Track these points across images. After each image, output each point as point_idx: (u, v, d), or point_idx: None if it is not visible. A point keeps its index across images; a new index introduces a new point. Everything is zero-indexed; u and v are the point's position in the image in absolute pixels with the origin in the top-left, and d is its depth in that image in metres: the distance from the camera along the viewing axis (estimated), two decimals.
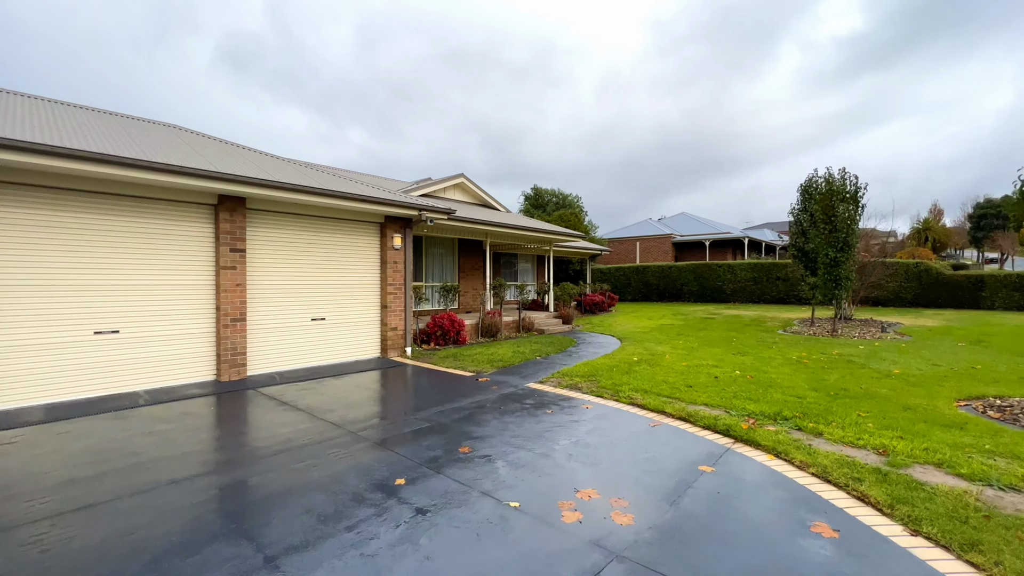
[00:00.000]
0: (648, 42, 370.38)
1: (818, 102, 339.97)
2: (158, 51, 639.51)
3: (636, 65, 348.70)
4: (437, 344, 10.34)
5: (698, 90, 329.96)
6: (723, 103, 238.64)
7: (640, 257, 33.02)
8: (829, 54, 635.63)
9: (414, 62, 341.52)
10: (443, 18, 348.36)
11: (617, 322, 15.51)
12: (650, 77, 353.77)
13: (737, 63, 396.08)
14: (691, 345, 10.20)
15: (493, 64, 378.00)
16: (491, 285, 12.20)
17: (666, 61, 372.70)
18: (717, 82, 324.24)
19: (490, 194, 14.23)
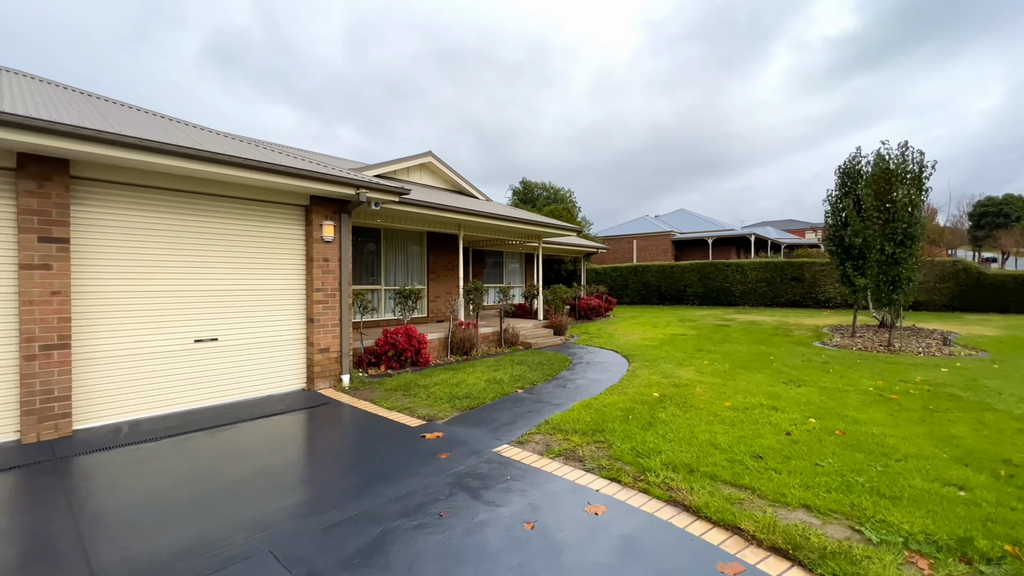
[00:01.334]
0: (641, 41, 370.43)
1: (809, 102, 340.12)
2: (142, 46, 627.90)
3: (629, 64, 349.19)
4: (389, 368, 7.89)
5: (691, 90, 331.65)
6: (716, 103, 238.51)
7: (637, 256, 30.78)
8: (821, 55, 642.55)
9: (406, 59, 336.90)
10: (435, 15, 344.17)
11: (618, 331, 13.16)
12: (643, 76, 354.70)
13: (730, 63, 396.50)
14: (720, 367, 7.85)
15: (486, 62, 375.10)
16: (465, 289, 9.79)
17: (659, 61, 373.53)
18: (710, 82, 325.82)
19: (467, 179, 11.86)
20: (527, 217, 10.74)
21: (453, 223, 9.82)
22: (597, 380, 7.08)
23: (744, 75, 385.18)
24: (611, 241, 31.69)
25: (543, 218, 11.48)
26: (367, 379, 7.23)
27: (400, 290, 8.38)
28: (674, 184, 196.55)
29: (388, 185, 6.95)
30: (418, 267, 11.32)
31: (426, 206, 8.35)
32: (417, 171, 11.13)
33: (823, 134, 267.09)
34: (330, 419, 5.49)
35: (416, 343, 8.01)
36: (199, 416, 5.42)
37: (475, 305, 9.81)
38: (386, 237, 10.57)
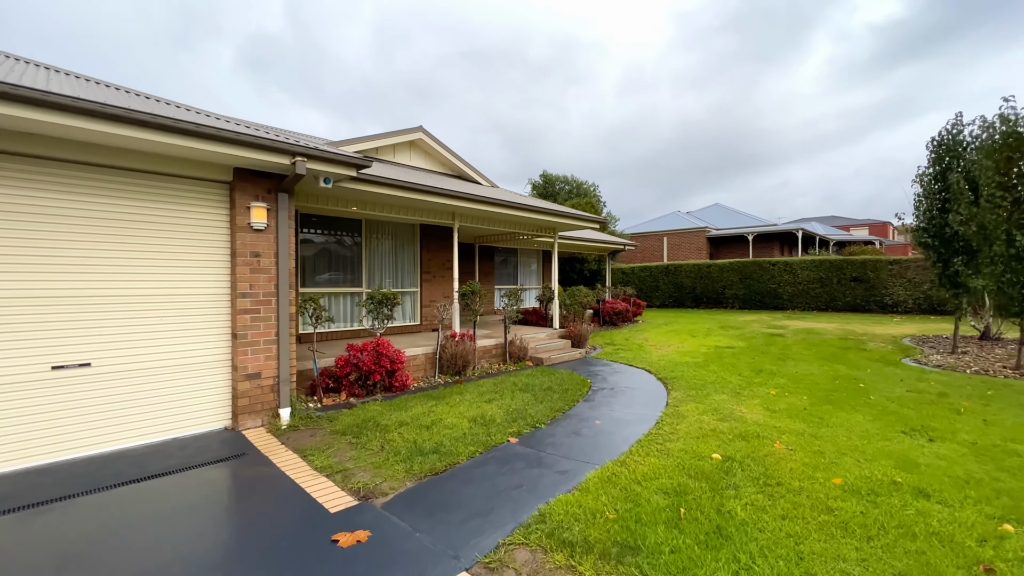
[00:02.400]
0: (672, 35, 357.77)
1: (850, 94, 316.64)
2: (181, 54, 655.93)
3: (659, 59, 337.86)
4: (352, 395, 6.10)
5: (724, 84, 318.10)
6: (750, 97, 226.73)
7: (668, 255, 28.34)
8: (864, 43, 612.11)
9: (432, 61, 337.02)
10: (463, 15, 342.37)
11: (650, 341, 11.07)
12: (673, 71, 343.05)
13: (766, 54, 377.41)
14: (796, 400, 5.74)
15: (513, 61, 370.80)
16: (460, 292, 7.93)
17: (690, 55, 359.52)
18: (744, 75, 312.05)
19: (469, 162, 10.02)
20: (537, 205, 8.83)
21: (444, 211, 7.98)
22: (624, 421, 5.10)
23: (781, 67, 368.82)
24: (639, 239, 29.34)
25: (556, 206, 9.53)
26: (316, 413, 5.44)
27: (372, 294, 6.60)
28: (705, 182, 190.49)
29: (337, 154, 5.15)
30: (410, 266, 9.55)
31: (404, 187, 6.53)
32: (405, 150, 9.36)
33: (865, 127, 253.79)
34: (227, 487, 3.72)
35: (390, 362, 6.20)
36: (57, 473, 3.74)
37: (472, 312, 7.95)
38: (369, 230, 8.82)
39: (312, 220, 8.11)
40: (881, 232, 46.49)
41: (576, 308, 10.15)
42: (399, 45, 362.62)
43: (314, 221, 8.13)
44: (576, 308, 10.15)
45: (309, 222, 8.08)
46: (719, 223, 29.46)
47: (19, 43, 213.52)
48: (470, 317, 8.06)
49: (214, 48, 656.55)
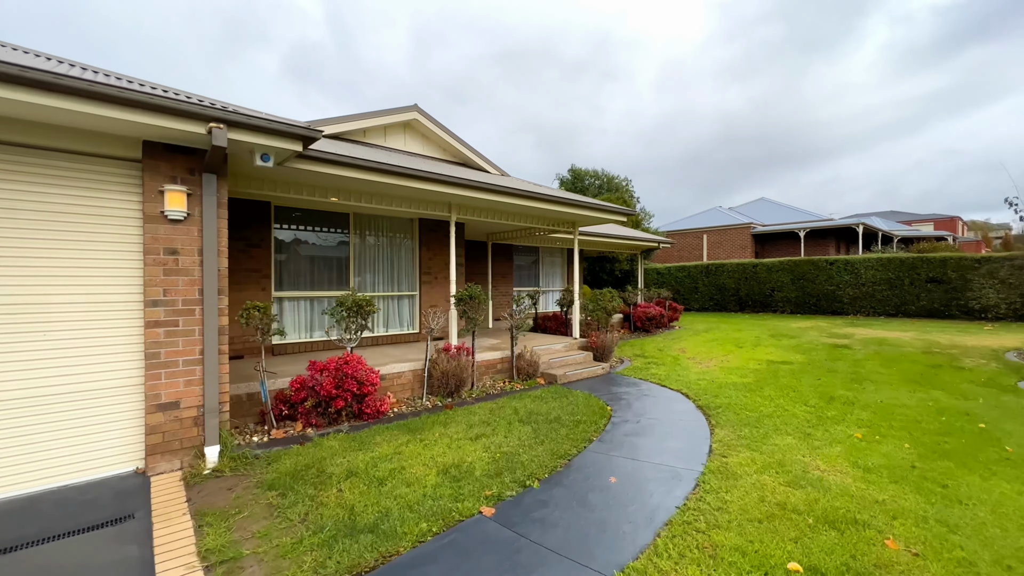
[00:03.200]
0: (713, 27, 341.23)
1: (910, 82, 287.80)
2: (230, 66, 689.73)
3: (699, 52, 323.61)
4: (310, 424, 4.95)
5: (769, 75, 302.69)
6: (797, 88, 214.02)
7: (708, 253, 26.22)
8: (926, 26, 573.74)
9: (467, 63, 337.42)
10: (498, 16, 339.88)
11: (687, 352, 9.48)
12: (715, 64, 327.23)
13: (816, 43, 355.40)
14: (895, 450, 4.16)
15: (548, 60, 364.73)
16: (456, 297, 6.69)
17: (733, 46, 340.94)
18: (791, 65, 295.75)
19: (473, 147, 8.76)
20: (550, 194, 7.47)
21: (438, 200, 6.77)
22: (650, 479, 3.69)
23: (832, 56, 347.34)
24: (676, 236, 27.33)
25: (573, 195, 8.12)
26: (256, 451, 4.32)
27: (342, 300, 5.44)
28: (747, 178, 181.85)
29: (270, 120, 3.99)
30: (408, 266, 8.40)
31: (376, 169, 5.34)
32: (398, 133, 8.21)
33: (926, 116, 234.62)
34: None
35: (355, 385, 5.01)
36: None
37: (471, 321, 6.68)
38: (358, 225, 7.73)
39: (290, 214, 7.08)
40: (948, 227, 42.20)
41: (599, 314, 8.73)
42: (434, 48, 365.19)
43: (292, 215, 7.10)
44: (599, 314, 8.73)
45: (286, 216, 7.05)
46: (765, 219, 27.04)
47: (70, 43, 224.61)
48: (467, 327, 6.81)
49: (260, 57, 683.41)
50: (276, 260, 6.96)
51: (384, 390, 5.99)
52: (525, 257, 14.10)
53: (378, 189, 6.00)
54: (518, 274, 13.94)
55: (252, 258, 6.61)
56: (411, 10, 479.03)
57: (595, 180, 23.96)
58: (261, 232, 6.69)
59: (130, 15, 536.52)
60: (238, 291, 6.48)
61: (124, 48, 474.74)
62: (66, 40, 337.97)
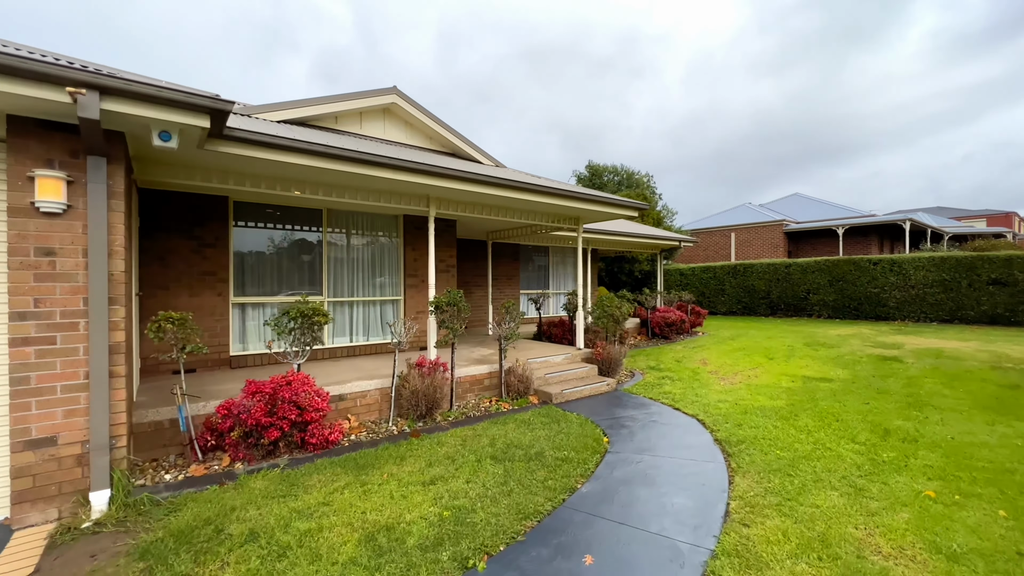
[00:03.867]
0: (745, 19, 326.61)
1: (960, 70, 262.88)
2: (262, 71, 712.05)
3: (730, 46, 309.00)
4: (240, 457, 4.14)
5: (804, 67, 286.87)
6: (835, 81, 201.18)
7: (736, 253, 24.64)
8: (977, 11, 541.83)
9: (493, 62, 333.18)
10: (523, 14, 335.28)
11: (709, 365, 8.35)
12: (746, 57, 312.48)
13: (855, 33, 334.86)
14: (989, 522, 3.04)
15: (573, 58, 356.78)
16: (434, 304, 5.80)
17: (767, 38, 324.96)
18: (829, 56, 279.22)
19: (465, 136, 7.85)
20: (546, 185, 6.49)
21: (413, 193, 5.92)
22: (642, 561, 2.71)
23: (873, 45, 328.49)
24: (702, 235, 25.84)
25: (573, 187, 7.11)
26: (161, 495, 3.53)
27: (287, 308, 4.62)
28: (780, 175, 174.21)
29: (155, 86, 3.18)
30: (391, 268, 7.58)
31: (325, 154, 4.51)
32: (376, 119, 7.39)
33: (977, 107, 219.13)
34: None
35: (295, 411, 4.19)
36: None
37: (450, 330, 5.78)
38: (332, 222, 6.95)
39: (253, 210, 6.35)
40: (1003, 223, 39.02)
41: (605, 322, 7.69)
42: (460, 48, 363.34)
43: (255, 211, 6.37)
44: (605, 322, 7.69)
45: (249, 212, 6.32)
46: (799, 215, 25.23)
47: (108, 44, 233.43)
48: (444, 338, 5.90)
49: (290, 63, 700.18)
50: (236, 261, 6.24)
51: (343, 413, 5.16)
52: (534, 257, 13.15)
53: (339, 180, 5.18)
54: (526, 276, 13.01)
55: (206, 259, 5.90)
56: (437, 12, 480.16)
57: (614, 176, 22.77)
58: (216, 230, 5.98)
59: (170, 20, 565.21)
60: (190, 296, 5.78)
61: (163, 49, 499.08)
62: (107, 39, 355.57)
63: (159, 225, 5.60)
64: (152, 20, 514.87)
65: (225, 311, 6.00)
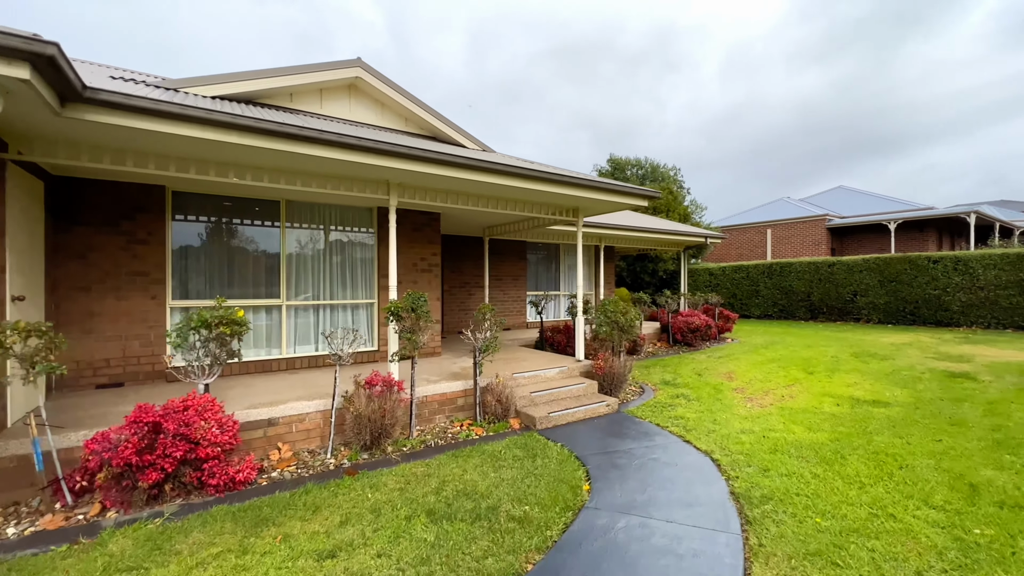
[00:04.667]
0: (788, 6, 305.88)
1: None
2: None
3: (771, 35, 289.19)
4: (113, 503, 3.30)
5: (853, 55, 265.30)
6: (886, 67, 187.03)
7: (772, 251, 22.77)
8: None
9: (522, 61, 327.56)
10: (553, 11, 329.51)
11: (736, 380, 7.10)
12: (789, 46, 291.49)
13: (909, 15, 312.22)
14: None
15: (605, 54, 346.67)
16: (390, 310, 4.86)
17: (810, 25, 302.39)
18: (879, 42, 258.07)
19: (446, 117, 6.88)
20: (530, 169, 5.45)
21: (369, 178, 5.01)
22: None
23: (929, 29, 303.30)
24: (734, 232, 24.06)
25: (564, 171, 6.01)
26: None
27: (190, 317, 3.78)
28: (825, 170, 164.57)
29: None
30: (364, 268, 6.72)
31: (231, 125, 3.64)
32: (339, 96, 6.51)
33: None
34: None
35: (185, 447, 3.32)
36: None
37: (409, 341, 4.83)
38: (293, 215, 6.15)
39: (198, 202, 5.59)
40: None
41: (609, 330, 6.57)
42: (489, 49, 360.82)
43: (200, 203, 5.61)
44: (609, 330, 6.57)
45: (191, 204, 5.57)
46: (844, 209, 23.08)
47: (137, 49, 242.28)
48: (406, 348, 4.95)
49: None
50: (177, 260, 5.49)
51: (272, 440, 4.30)
52: (543, 256, 12.10)
53: (262, 160, 4.32)
54: (534, 276, 11.97)
55: (137, 258, 5.17)
56: (467, 13, 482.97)
57: (637, 169, 21.39)
58: (150, 224, 5.24)
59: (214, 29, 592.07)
60: (118, 300, 5.06)
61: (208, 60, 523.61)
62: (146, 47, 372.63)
63: (79, 218, 4.89)
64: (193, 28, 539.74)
65: (161, 316, 5.26)
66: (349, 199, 6.12)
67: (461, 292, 10.59)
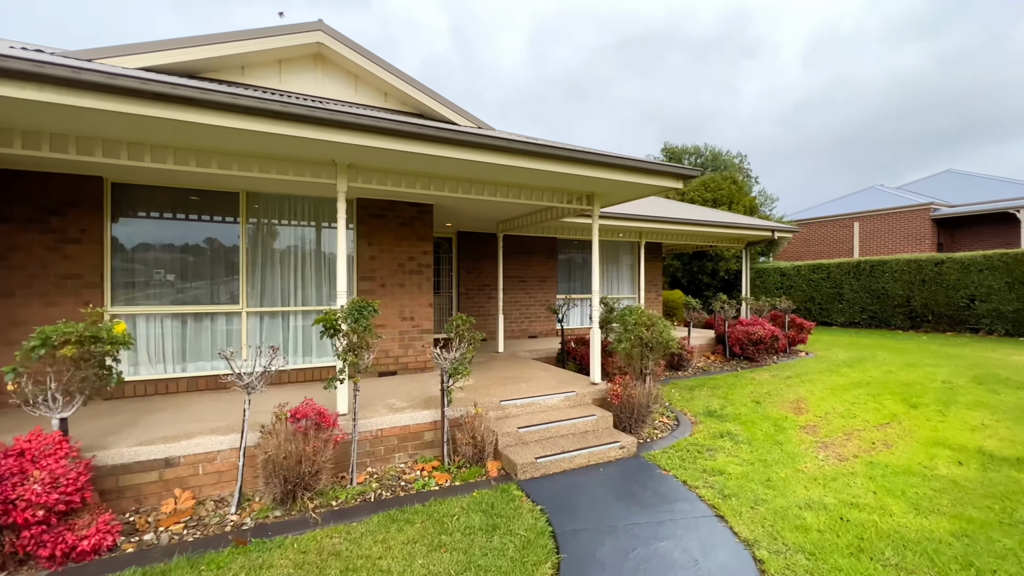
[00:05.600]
0: None
1: None
2: None
3: (863, 10, 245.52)
4: None
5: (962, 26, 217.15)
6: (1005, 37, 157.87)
7: (860, 248, 19.63)
8: None
9: (585, 56, 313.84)
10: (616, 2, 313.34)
11: (805, 414, 5.41)
12: (885, 21, 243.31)
13: None
14: None
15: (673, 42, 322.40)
16: (329, 323, 3.85)
17: None
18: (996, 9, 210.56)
19: (436, 92, 5.78)
20: (524, 142, 4.23)
21: (313, 159, 4.05)
22: None
23: None
24: (812, 226, 21.07)
25: (567, 145, 4.64)
26: None
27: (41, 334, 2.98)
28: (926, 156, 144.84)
29: None
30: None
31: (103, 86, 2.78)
32: (303, 68, 5.61)
33: None
34: None
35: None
36: None
37: (349, 363, 3.79)
38: (254, 209, 5.36)
39: (142, 195, 4.94)
40: None
41: (629, 346, 5.15)
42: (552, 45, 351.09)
43: (144, 196, 4.95)
44: (629, 346, 5.15)
45: (135, 198, 4.91)
46: (954, 196, 19.37)
47: None
48: (347, 371, 3.92)
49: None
50: (119, 262, 4.86)
51: (169, 485, 3.43)
52: (574, 255, 10.74)
53: (202, 143, 3.47)
54: (567, 276, 10.66)
55: (68, 259, 4.56)
56: (529, 12, 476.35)
57: (696, 158, 19.24)
58: (84, 220, 4.62)
59: None
60: (45, 306, 4.47)
61: None
62: None
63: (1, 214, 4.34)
64: None
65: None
66: (308, 187, 5.22)
67: (480, 295, 9.52)
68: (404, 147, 3.86)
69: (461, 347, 4.20)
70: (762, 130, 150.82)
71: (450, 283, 9.51)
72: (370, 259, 5.85)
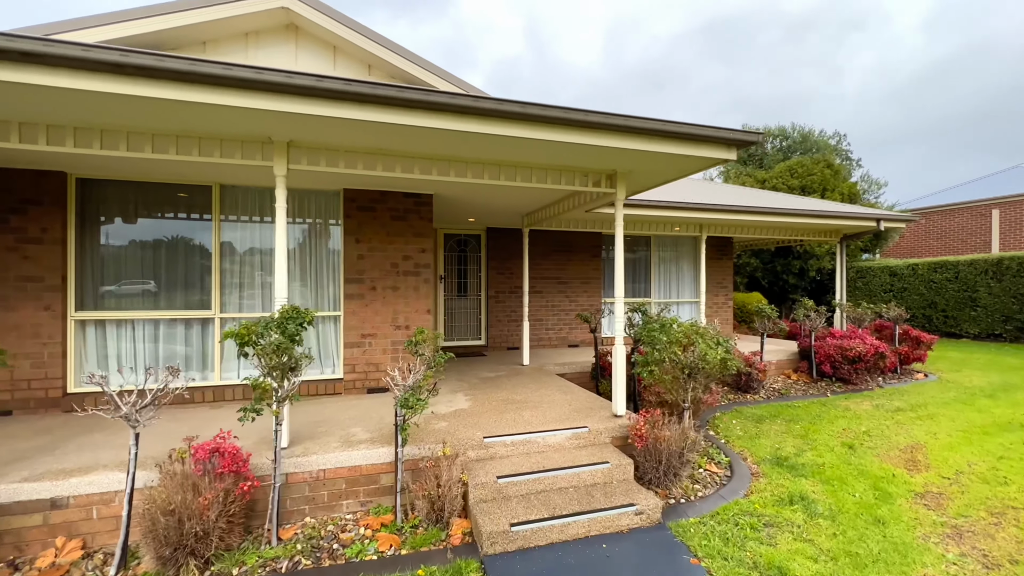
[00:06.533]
0: None
1: None
2: None
3: None
4: None
5: None
6: None
7: (1000, 241, 15.93)
8: None
9: (664, 45, 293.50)
10: None
11: (925, 471, 3.82)
12: None
13: None
14: None
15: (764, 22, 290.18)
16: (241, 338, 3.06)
17: None
18: None
19: (429, 61, 4.87)
20: (522, 103, 3.22)
21: (245, 136, 3.33)
22: None
23: None
24: (933, 216, 17.53)
25: (578, 107, 3.59)
26: None
27: None
28: None
29: None
30: (329, 270, 5.15)
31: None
32: (275, 40, 4.89)
33: None
34: None
35: None
36: None
37: (262, 389, 3.00)
38: (229, 205, 4.83)
39: (111, 190, 4.57)
40: None
41: (659, 374, 3.88)
42: (627, 37, 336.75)
43: (113, 192, 4.58)
44: (659, 374, 3.88)
45: (103, 194, 4.55)
46: None
47: None
48: (269, 396, 3.13)
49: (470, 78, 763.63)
50: (88, 263, 4.52)
51: (54, 531, 2.84)
52: (630, 253, 9.39)
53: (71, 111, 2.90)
54: (610, 276, 9.34)
55: (28, 260, 4.26)
56: (604, 5, 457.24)
57: (781, 140, 16.71)
58: (45, 219, 4.31)
59: None
60: (3, 311, 4.20)
61: None
62: None
63: None
64: None
65: (57, 331, 4.30)
66: (298, 184, 4.56)
67: (511, 298, 8.54)
68: (358, 115, 3.00)
69: (419, 370, 3.26)
70: (870, 111, 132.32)
71: (479, 285, 8.63)
72: (358, 259, 5.11)
